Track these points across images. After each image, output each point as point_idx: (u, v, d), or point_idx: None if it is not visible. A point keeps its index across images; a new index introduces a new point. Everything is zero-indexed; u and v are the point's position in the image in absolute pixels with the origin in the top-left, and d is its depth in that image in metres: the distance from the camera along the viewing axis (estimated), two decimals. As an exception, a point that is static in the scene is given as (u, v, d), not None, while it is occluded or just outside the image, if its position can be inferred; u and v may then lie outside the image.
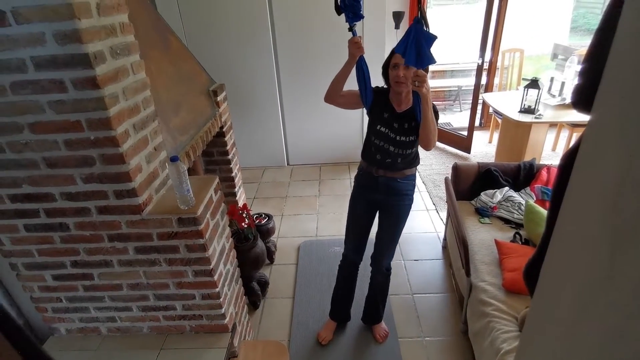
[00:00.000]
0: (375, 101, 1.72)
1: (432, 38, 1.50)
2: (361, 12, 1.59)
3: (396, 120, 1.68)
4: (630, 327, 0.43)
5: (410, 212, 1.86)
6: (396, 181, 1.75)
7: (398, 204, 1.80)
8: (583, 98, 0.67)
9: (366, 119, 4.10)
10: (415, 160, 1.77)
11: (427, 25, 1.49)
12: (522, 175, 2.59)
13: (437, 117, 1.63)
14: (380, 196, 1.80)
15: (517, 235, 2.17)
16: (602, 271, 0.49)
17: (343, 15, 1.60)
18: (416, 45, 1.48)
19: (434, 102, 1.61)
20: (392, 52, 1.64)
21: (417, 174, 1.77)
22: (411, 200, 1.82)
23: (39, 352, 0.44)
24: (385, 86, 1.73)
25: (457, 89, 5.63)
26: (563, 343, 0.60)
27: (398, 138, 1.67)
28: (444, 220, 2.96)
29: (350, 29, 1.62)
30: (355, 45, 1.58)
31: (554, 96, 3.46)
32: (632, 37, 0.43)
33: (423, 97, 1.51)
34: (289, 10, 3.45)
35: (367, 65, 1.69)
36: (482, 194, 2.51)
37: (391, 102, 1.70)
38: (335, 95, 1.70)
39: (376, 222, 1.93)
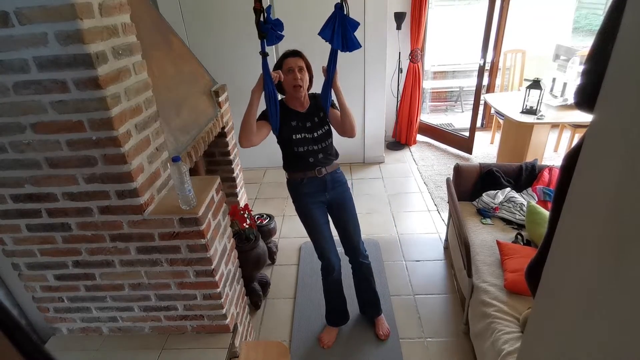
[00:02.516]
0: (280, 117, 1.75)
1: (356, 24, 1.56)
2: (282, 32, 1.62)
3: (306, 120, 1.76)
4: (633, 328, 0.43)
5: (412, 212, 1.88)
6: (336, 173, 1.89)
7: (346, 193, 1.93)
8: (585, 98, 0.66)
9: (367, 117, 4.09)
10: (335, 149, 1.89)
11: (347, 12, 1.53)
12: (524, 176, 2.59)
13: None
14: (329, 193, 1.88)
15: (518, 236, 2.16)
16: (605, 272, 0.48)
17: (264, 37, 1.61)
18: (342, 30, 1.53)
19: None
20: (283, 58, 1.71)
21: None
22: (349, 188, 1.97)
23: (40, 352, 0.44)
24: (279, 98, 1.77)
25: (458, 89, 5.62)
26: (565, 344, 0.59)
27: (315, 134, 1.77)
28: (446, 221, 2.96)
29: (264, 54, 1.61)
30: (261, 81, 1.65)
31: (556, 97, 3.46)
32: (635, 37, 0.43)
33: (338, 91, 1.68)
34: (290, 10, 3.45)
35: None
36: (483, 194, 2.50)
37: (293, 108, 1.77)
38: (252, 134, 1.68)
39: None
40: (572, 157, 0.68)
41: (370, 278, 2.08)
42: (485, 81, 4.20)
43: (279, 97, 1.76)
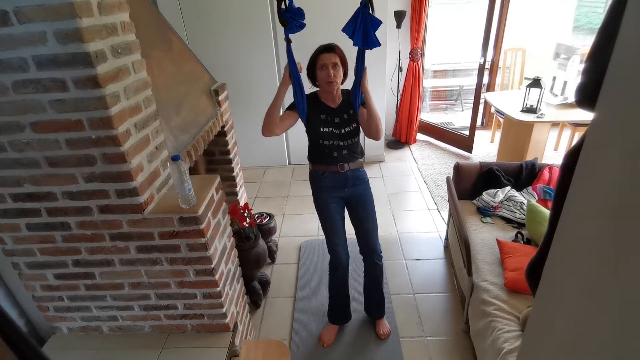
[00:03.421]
0: (309, 107, 1.77)
1: (378, 22, 1.57)
2: (304, 20, 1.61)
3: (336, 115, 1.77)
4: (634, 327, 0.43)
5: (412, 211, 1.89)
6: (359, 171, 1.87)
7: (366, 192, 1.91)
8: (586, 96, 0.66)
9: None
10: (361, 148, 1.89)
11: (373, 10, 1.54)
12: (524, 175, 2.58)
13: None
14: (349, 190, 1.87)
15: (519, 235, 2.16)
16: (606, 270, 0.48)
17: (286, 25, 1.60)
18: (363, 28, 1.54)
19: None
20: (317, 53, 1.71)
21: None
22: (370, 187, 1.95)
23: (37, 355, 0.43)
24: (311, 91, 1.80)
25: (458, 88, 5.62)
26: (566, 343, 0.59)
27: (343, 131, 1.77)
28: (446, 220, 2.96)
29: (288, 41, 1.63)
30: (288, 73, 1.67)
31: (556, 95, 3.45)
32: (636, 35, 0.43)
33: (366, 92, 1.68)
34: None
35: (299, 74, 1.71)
36: (484, 193, 2.50)
37: (324, 102, 1.78)
38: (274, 125, 1.72)
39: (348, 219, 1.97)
40: (573, 156, 0.68)
41: (381, 279, 2.07)
42: (485, 80, 4.20)
43: (314, 89, 1.81)
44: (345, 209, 1.96)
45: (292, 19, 1.59)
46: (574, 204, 0.58)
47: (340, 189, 1.86)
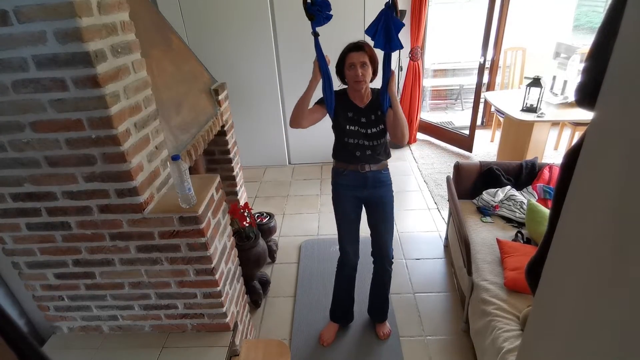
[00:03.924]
0: (337, 104, 1.75)
1: (401, 25, 1.55)
2: (330, 11, 1.61)
3: (362, 115, 1.75)
4: (633, 327, 0.43)
5: (412, 210, 1.88)
6: (381, 173, 1.84)
7: (386, 195, 1.88)
8: (586, 96, 0.66)
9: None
10: (388, 149, 1.85)
11: (397, 12, 1.53)
12: (524, 174, 2.58)
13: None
14: (368, 191, 1.85)
15: (519, 234, 2.16)
16: (606, 270, 0.48)
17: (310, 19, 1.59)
18: (385, 30, 1.53)
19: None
20: (345, 52, 1.69)
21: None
22: (392, 191, 1.91)
23: (37, 355, 0.43)
24: (340, 87, 1.78)
25: (458, 87, 5.61)
26: (566, 342, 0.59)
27: (369, 131, 1.74)
28: (446, 219, 2.95)
29: (316, 34, 1.62)
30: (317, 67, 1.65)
31: (556, 95, 3.45)
32: (636, 34, 0.43)
33: (393, 97, 1.66)
34: (291, 8, 3.44)
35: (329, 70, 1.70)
36: (484, 192, 2.50)
37: (352, 100, 1.76)
38: (302, 118, 1.71)
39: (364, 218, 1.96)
40: (573, 155, 0.68)
41: (388, 285, 2.07)
42: (485, 79, 4.20)
43: (343, 86, 1.79)
44: (364, 209, 1.94)
45: (318, 12, 1.57)
46: (574, 203, 0.58)
47: (359, 189, 1.84)
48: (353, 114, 1.75)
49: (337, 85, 1.78)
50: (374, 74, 1.74)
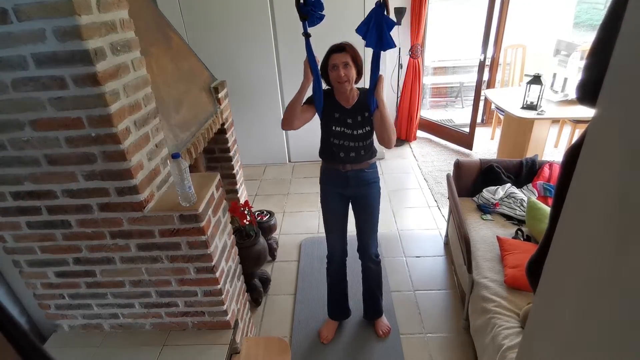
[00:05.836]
0: (325, 104, 1.75)
1: (393, 23, 1.52)
2: (322, 11, 1.59)
3: (348, 116, 1.73)
4: (634, 325, 0.43)
5: (412, 208, 1.87)
6: (364, 172, 1.82)
7: (370, 193, 1.87)
8: (587, 93, 0.66)
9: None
10: (373, 148, 1.83)
11: (388, 11, 1.51)
12: (525, 172, 2.58)
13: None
14: (351, 189, 1.85)
15: (519, 232, 2.16)
16: (606, 267, 0.48)
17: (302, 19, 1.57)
18: (377, 29, 1.51)
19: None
20: (328, 54, 1.68)
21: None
22: (380, 187, 1.90)
23: (38, 352, 0.43)
24: (328, 87, 1.77)
25: (459, 85, 5.61)
26: (566, 339, 0.59)
27: (355, 132, 1.73)
28: (446, 217, 2.96)
29: (307, 35, 1.60)
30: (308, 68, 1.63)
31: (556, 92, 3.45)
32: (637, 31, 0.43)
33: (380, 101, 1.65)
34: (290, 5, 3.43)
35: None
36: (484, 190, 2.50)
37: (339, 101, 1.75)
38: (295, 119, 1.70)
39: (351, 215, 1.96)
40: (573, 153, 0.68)
41: (374, 284, 2.07)
42: (485, 77, 4.19)
43: (326, 87, 1.77)
44: (351, 206, 1.95)
45: (312, 12, 1.56)
46: (575, 201, 0.58)
47: (342, 187, 1.86)
48: (339, 114, 1.74)
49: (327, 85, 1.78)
50: (359, 74, 1.73)
